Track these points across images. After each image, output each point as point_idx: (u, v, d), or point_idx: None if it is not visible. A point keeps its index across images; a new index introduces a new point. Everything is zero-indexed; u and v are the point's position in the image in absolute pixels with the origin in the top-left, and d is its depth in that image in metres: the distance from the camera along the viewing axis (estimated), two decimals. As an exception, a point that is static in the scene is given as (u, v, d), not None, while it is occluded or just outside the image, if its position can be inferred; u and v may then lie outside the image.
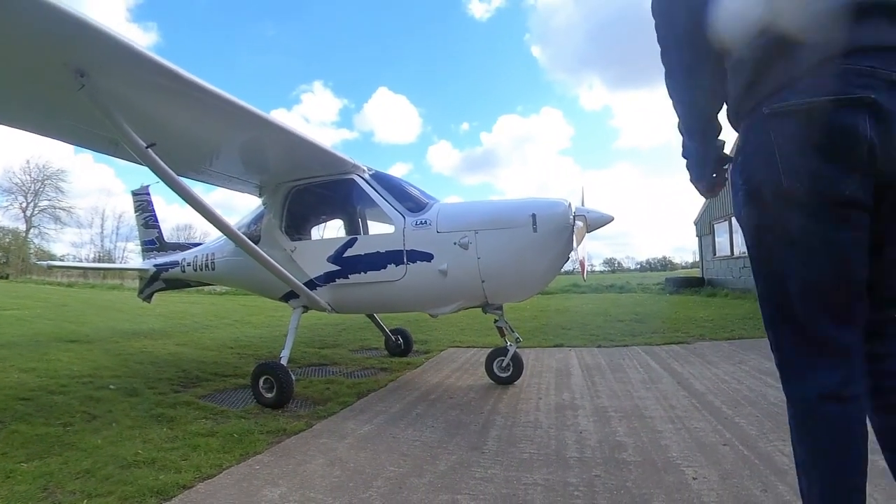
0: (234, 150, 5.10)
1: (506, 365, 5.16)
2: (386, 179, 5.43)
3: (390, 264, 4.92)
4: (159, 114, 4.12)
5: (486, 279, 4.69)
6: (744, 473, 2.83)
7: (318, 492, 2.70)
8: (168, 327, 11.00)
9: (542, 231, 4.57)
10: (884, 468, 1.52)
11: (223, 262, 6.38)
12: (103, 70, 3.41)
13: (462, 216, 4.87)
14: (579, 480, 2.79)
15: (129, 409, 4.37)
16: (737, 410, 4.06)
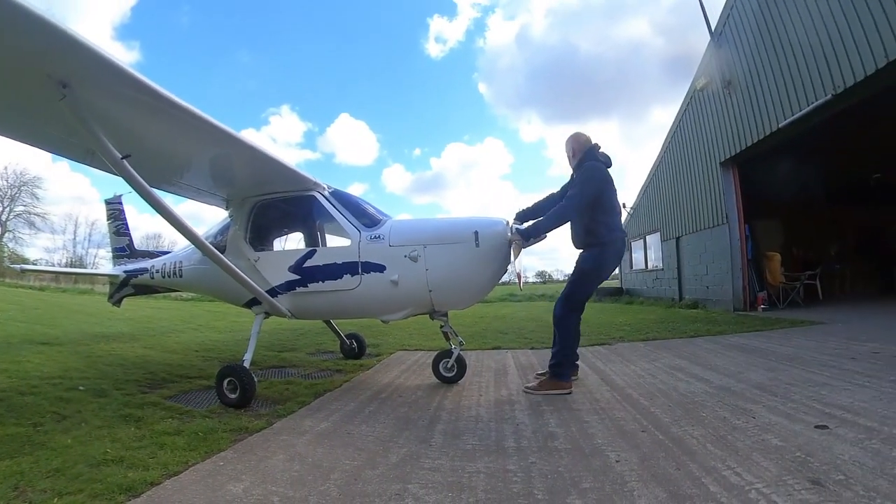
0: (205, 164, 4.99)
1: (451, 366, 5.23)
2: (344, 197, 5.45)
3: (346, 274, 4.94)
4: (135, 127, 4.00)
5: (433, 289, 4.78)
6: (660, 455, 2.93)
7: (280, 485, 2.65)
8: (136, 331, 10.59)
9: (483, 246, 4.70)
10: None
11: (190, 270, 6.20)
12: (85, 83, 3.29)
13: (412, 232, 4.95)
14: (517, 467, 2.84)
15: (98, 409, 4.18)
16: (652, 401, 4.21)
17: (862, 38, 8.82)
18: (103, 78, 3.30)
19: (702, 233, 15.39)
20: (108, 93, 3.48)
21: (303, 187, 5.35)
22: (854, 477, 2.50)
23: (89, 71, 3.20)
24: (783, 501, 2.27)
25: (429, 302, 4.90)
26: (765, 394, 4.26)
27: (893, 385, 4.29)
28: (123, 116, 3.79)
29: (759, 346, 7.03)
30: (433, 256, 4.74)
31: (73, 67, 3.16)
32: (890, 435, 3.08)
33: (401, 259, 4.79)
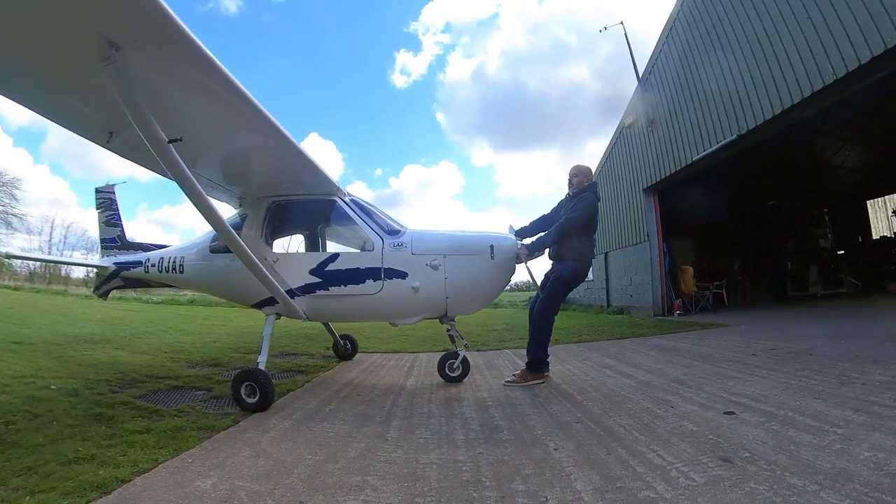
0: (235, 157, 4.51)
1: (456, 366, 5.11)
2: (363, 205, 5.17)
3: (369, 279, 4.71)
4: (184, 107, 3.41)
5: (450, 295, 4.68)
6: (592, 443, 2.95)
7: (246, 480, 2.53)
8: (107, 332, 9.79)
9: (497, 258, 4.70)
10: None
11: (194, 266, 5.59)
12: (140, 47, 2.69)
13: (433, 241, 4.81)
14: (466, 457, 2.80)
15: (69, 408, 3.87)
16: (585, 396, 4.24)
17: (762, 89, 9.64)
18: (162, 44, 2.72)
19: (627, 249, 15.90)
20: (163, 63, 2.91)
21: (326, 191, 5.07)
22: (758, 454, 2.60)
23: (150, 33, 2.62)
24: (699, 477, 2.34)
25: (444, 307, 4.78)
26: (681, 386, 4.37)
27: (788, 376, 4.49)
28: (174, 94, 3.21)
29: (676, 346, 7.22)
30: (452, 265, 4.66)
31: (131, 26, 2.56)
32: (786, 417, 3.22)
33: (422, 267, 4.65)
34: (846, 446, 2.64)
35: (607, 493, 2.23)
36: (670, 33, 13.11)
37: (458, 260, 4.67)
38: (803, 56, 8.60)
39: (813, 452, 2.58)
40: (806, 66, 8.54)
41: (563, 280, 4.96)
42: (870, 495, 2.05)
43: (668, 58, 13.25)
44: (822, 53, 8.15)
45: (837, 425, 2.99)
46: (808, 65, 8.47)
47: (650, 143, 14.20)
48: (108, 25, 2.54)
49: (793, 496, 2.10)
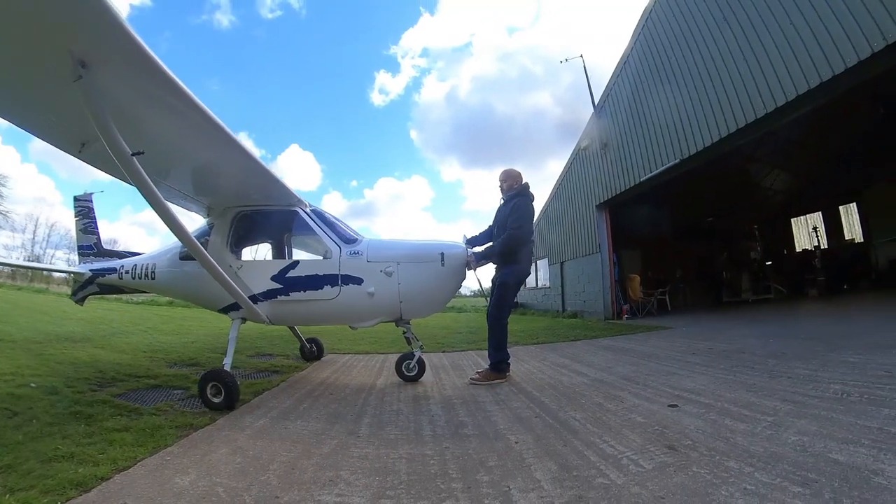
0: (200, 170, 4.45)
1: (412, 367, 5.08)
2: (323, 215, 5.11)
3: (327, 285, 4.66)
4: (147, 122, 3.39)
5: (403, 300, 4.66)
6: (550, 435, 2.96)
7: (223, 477, 2.43)
8: (88, 331, 9.28)
9: (448, 265, 4.70)
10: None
11: (165, 273, 5.46)
12: (107, 66, 2.71)
13: (387, 250, 4.78)
14: (434, 452, 2.77)
15: (49, 406, 3.66)
16: (542, 393, 4.25)
17: (702, 120, 10.21)
18: (128, 63, 2.72)
19: (580, 259, 16.13)
20: (128, 80, 2.89)
21: (287, 202, 5.02)
22: (699, 441, 2.66)
23: (115, 53, 2.63)
24: (647, 464, 2.37)
25: (398, 311, 4.75)
26: (630, 383, 4.43)
27: (724, 372, 4.60)
28: (138, 109, 3.18)
29: (625, 347, 7.31)
30: (405, 272, 4.64)
31: (98, 46, 2.58)
32: (723, 408, 3.30)
33: (377, 273, 4.63)
34: (776, 432, 2.72)
35: (565, 481, 2.23)
36: (623, 67, 13.52)
37: (411, 267, 4.67)
38: (738, 92, 9.11)
39: (747, 438, 2.65)
40: (741, 100, 9.05)
41: (508, 284, 4.99)
42: (797, 474, 2.13)
43: (621, 89, 13.65)
44: (754, 90, 8.67)
45: (767, 414, 3.08)
46: (743, 100, 8.99)
47: (603, 164, 14.52)
48: (76, 45, 2.57)
49: (730, 478, 2.15)
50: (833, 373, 4.10)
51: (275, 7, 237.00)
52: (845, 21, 6.99)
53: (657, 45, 11.86)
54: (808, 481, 2.05)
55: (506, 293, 5.02)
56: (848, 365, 4.35)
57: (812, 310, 11.49)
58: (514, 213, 4.92)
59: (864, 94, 11.19)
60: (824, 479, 2.06)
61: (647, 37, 12.33)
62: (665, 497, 2.01)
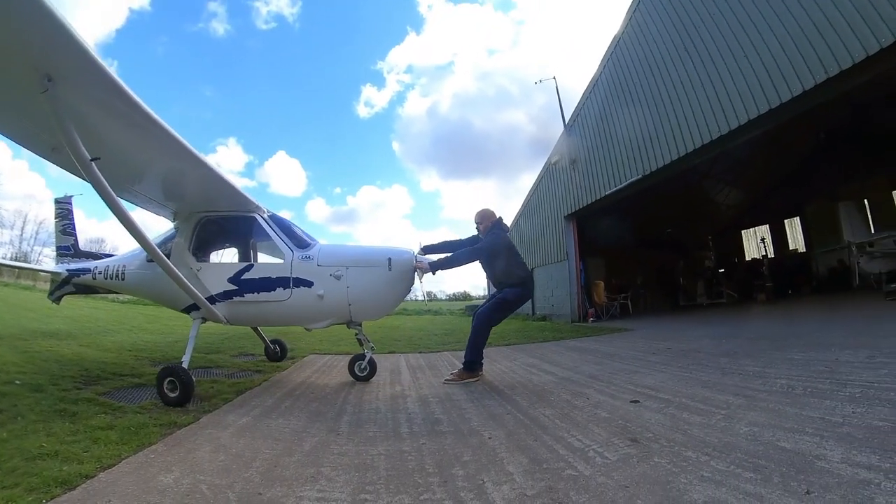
0: (163, 177, 4.45)
1: (364, 367, 5.03)
2: (280, 221, 5.07)
3: (279, 287, 4.61)
4: (108, 132, 3.44)
5: (352, 303, 4.62)
6: (521, 431, 2.95)
7: (207, 475, 2.34)
8: (73, 329, 8.87)
9: (395, 270, 4.67)
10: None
11: (133, 274, 5.38)
12: (69, 80, 2.82)
13: (337, 255, 4.75)
14: (411, 448, 2.73)
15: (33, 403, 3.48)
16: (514, 391, 4.25)
17: (663, 139, 10.72)
18: (88, 79, 2.84)
19: (549, 266, 16.29)
20: (88, 94, 2.99)
21: (246, 209, 4.96)
22: (659, 434, 2.68)
23: (77, 70, 2.74)
24: (612, 456, 2.39)
25: (348, 314, 4.71)
26: (595, 381, 4.46)
27: (681, 370, 4.68)
28: (98, 120, 3.26)
29: (590, 347, 7.39)
30: (353, 276, 4.61)
31: (62, 63, 2.70)
32: (680, 403, 3.34)
33: (326, 277, 4.59)
34: (729, 424, 2.77)
35: (536, 473, 2.23)
36: (593, 89, 13.87)
37: (359, 271, 4.65)
38: (696, 115, 9.63)
39: (703, 430, 2.69)
40: (697, 123, 9.58)
41: (508, 301, 5.06)
42: (749, 461, 2.18)
43: (590, 109, 13.99)
44: (710, 114, 9.22)
45: (721, 407, 3.13)
46: (700, 122, 9.53)
47: (572, 178, 14.77)
48: (42, 61, 2.69)
49: (689, 466, 2.18)
50: (779, 369, 4.20)
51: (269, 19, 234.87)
52: (792, 55, 7.50)
53: (624, 70, 12.30)
54: (758, 467, 2.10)
55: (503, 307, 5.10)
56: (793, 362, 4.46)
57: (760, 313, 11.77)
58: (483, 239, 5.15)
59: (807, 121, 11.72)
60: (773, 464, 2.11)
61: (615, 62, 12.75)
62: (629, 486, 2.02)
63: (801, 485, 1.89)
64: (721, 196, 20.17)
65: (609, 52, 13.01)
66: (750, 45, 8.31)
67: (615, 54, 12.74)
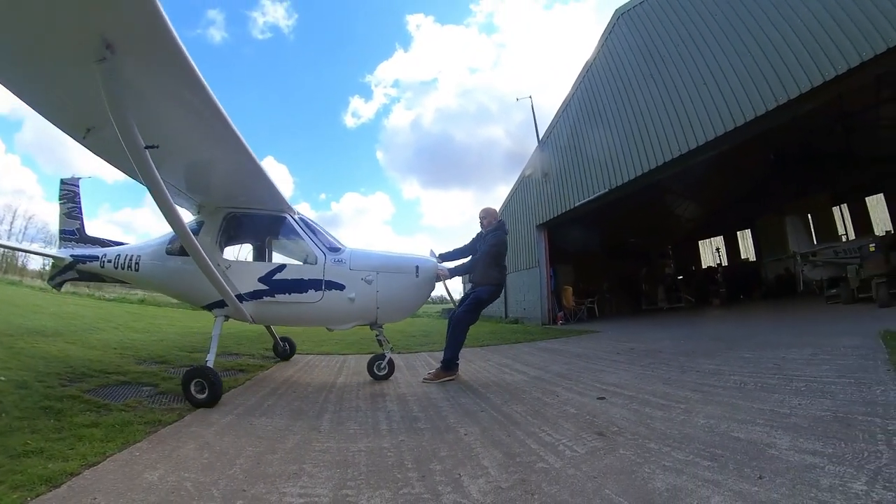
0: (199, 168, 4.07)
1: (383, 367, 4.96)
2: (309, 224, 4.88)
3: (311, 289, 4.46)
4: (162, 114, 3.03)
5: (380, 306, 4.56)
6: (495, 427, 2.95)
7: (192, 472, 2.26)
8: (59, 326, 8.32)
9: (421, 277, 4.67)
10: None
11: (150, 266, 4.94)
12: (134, 52, 2.40)
13: (368, 260, 4.64)
14: (390, 444, 2.70)
15: (18, 400, 3.29)
16: (488, 389, 4.25)
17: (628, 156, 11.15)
18: (156, 52, 2.41)
19: (522, 272, 16.41)
20: (152, 70, 2.56)
21: (278, 208, 4.77)
22: (624, 427, 2.72)
23: (145, 39, 2.33)
24: (581, 448, 2.41)
25: (374, 316, 4.64)
26: (564, 379, 4.49)
27: (643, 368, 4.76)
28: (158, 101, 2.85)
29: (559, 348, 7.44)
30: (383, 281, 4.54)
31: (130, 30, 2.29)
32: (643, 399, 3.40)
33: (358, 281, 4.49)
34: (688, 417, 2.83)
35: (510, 466, 2.23)
36: (565, 109, 14.19)
37: (389, 276, 4.58)
38: (658, 135, 10.06)
39: (664, 423, 2.74)
40: (660, 142, 9.99)
41: (481, 299, 5.06)
42: (706, 450, 2.24)
43: (562, 127, 14.28)
44: (672, 134, 9.67)
45: (680, 402, 3.20)
46: (662, 142, 9.95)
47: (544, 190, 14.99)
48: (106, 24, 2.26)
49: (652, 456, 2.22)
50: (733, 367, 4.31)
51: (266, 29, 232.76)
52: (746, 84, 8.03)
53: (594, 92, 12.71)
54: (715, 456, 2.15)
55: (479, 305, 5.10)
56: (745, 360, 4.58)
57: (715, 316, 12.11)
58: (487, 243, 5.11)
59: (758, 144, 12.23)
60: (729, 453, 2.17)
61: (586, 85, 13.14)
62: (597, 476, 2.04)
63: (753, 471, 1.95)
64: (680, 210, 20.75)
65: (581, 76, 13.38)
66: (709, 74, 8.81)
67: (587, 78, 13.11)
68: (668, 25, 9.99)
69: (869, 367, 3.58)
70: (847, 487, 1.74)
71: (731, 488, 1.82)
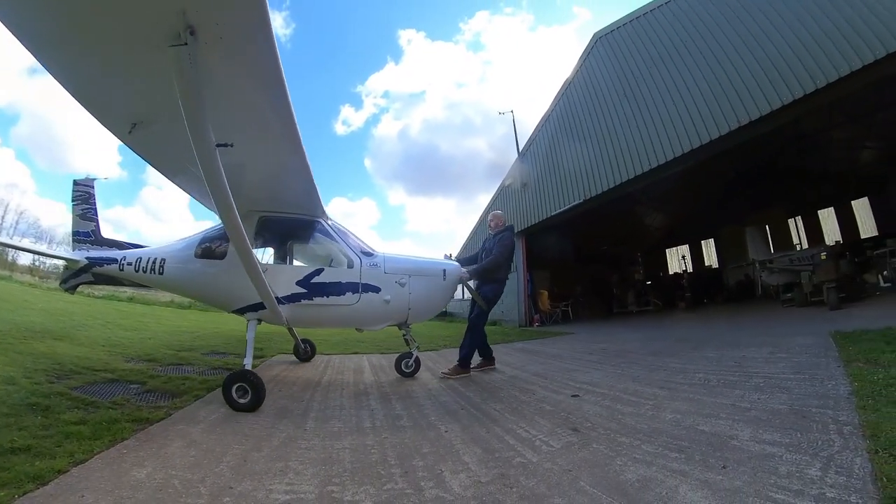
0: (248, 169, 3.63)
1: (410, 364, 5.06)
2: (342, 229, 4.82)
3: (349, 292, 4.39)
4: (234, 111, 2.62)
5: (412, 307, 4.58)
6: (475, 424, 2.96)
7: (179, 469, 2.20)
8: (48, 322, 7.78)
9: (447, 280, 4.75)
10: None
11: (177, 269, 4.63)
12: (220, 38, 2.02)
13: (401, 264, 4.63)
14: (374, 442, 2.68)
15: (5, 396, 3.13)
16: (467, 388, 4.25)
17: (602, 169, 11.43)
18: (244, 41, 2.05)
19: (502, 276, 16.39)
20: (235, 60, 2.19)
21: (313, 213, 4.65)
22: (597, 423, 2.76)
23: (237, 26, 1.98)
24: (556, 444, 2.43)
25: (406, 316, 4.65)
26: (540, 378, 4.52)
27: (614, 367, 4.82)
28: (233, 93, 2.44)
29: (536, 349, 7.48)
30: (415, 284, 4.57)
31: (220, 13, 1.94)
32: (615, 396, 3.45)
33: (392, 284, 4.49)
34: (656, 412, 2.88)
35: (489, 462, 2.23)
36: (545, 124, 14.44)
37: (420, 280, 4.62)
38: (630, 150, 10.40)
39: (634, 419, 2.78)
40: (632, 157, 10.34)
41: (489, 299, 5.21)
42: (674, 443, 2.28)
43: (541, 140, 14.50)
44: (642, 150, 10.03)
45: (649, 399, 3.25)
46: (633, 156, 10.29)
47: (522, 199, 15.12)
48: (193, 7, 1.91)
49: (623, 450, 2.26)
50: (697, 365, 4.39)
51: None
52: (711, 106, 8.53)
53: (572, 109, 13.04)
54: (682, 448, 2.20)
55: (489, 305, 5.25)
56: (708, 359, 4.67)
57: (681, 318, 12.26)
58: (499, 244, 5.25)
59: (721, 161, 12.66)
60: (695, 445, 2.23)
61: (565, 102, 13.46)
62: (572, 469, 2.06)
63: (718, 461, 2.00)
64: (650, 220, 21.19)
65: (560, 93, 13.68)
66: (678, 95, 9.24)
67: (566, 95, 13.41)
68: (643, 49, 10.43)
69: (821, 363, 3.68)
70: (803, 473, 1.80)
71: (698, 477, 1.86)
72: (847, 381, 3.03)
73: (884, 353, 3.58)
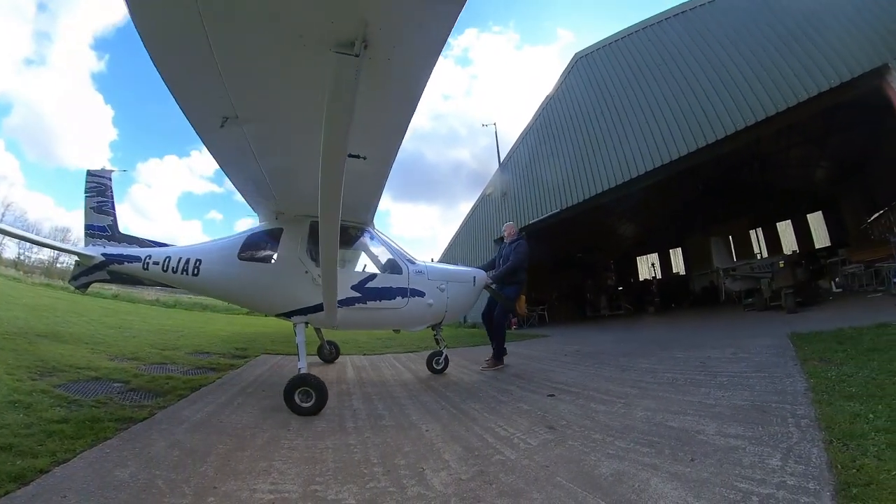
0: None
1: (440, 361, 5.27)
2: (384, 238, 4.86)
3: (398, 296, 4.46)
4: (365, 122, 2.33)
5: (448, 310, 4.78)
6: (455, 423, 2.94)
7: (163, 469, 2.12)
8: (32, 318, 7.35)
9: (476, 286, 5.04)
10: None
11: (214, 272, 4.29)
12: (387, 59, 1.89)
13: (440, 272, 4.86)
14: (356, 441, 2.64)
15: None
16: (448, 389, 4.23)
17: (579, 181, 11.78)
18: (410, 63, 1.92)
19: (481, 281, 16.48)
20: (392, 79, 2.06)
21: (361, 220, 4.63)
22: (572, 421, 2.77)
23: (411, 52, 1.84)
24: (534, 441, 2.44)
25: (443, 318, 4.86)
26: (518, 379, 4.53)
27: (588, 368, 4.86)
28: (375, 108, 2.26)
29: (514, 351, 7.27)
30: (452, 289, 4.77)
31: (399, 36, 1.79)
32: (588, 395, 3.47)
33: (435, 289, 4.66)
34: (628, 410, 2.92)
35: (469, 459, 2.22)
36: (525, 136, 14.75)
37: (456, 286, 4.83)
38: (605, 164, 10.86)
39: (607, 416, 2.81)
40: (606, 170, 10.80)
41: (511, 298, 5.46)
42: (644, 438, 2.32)
43: (521, 152, 14.79)
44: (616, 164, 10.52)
45: (621, 398, 3.28)
46: (608, 170, 10.76)
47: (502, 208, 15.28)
48: (379, 19, 1.73)
49: (597, 446, 2.28)
50: (666, 365, 4.46)
51: None
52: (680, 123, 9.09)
53: (551, 123, 13.44)
54: (653, 443, 2.24)
55: (509, 305, 5.53)
56: (676, 360, 4.74)
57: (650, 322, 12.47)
58: (515, 251, 5.52)
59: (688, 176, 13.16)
60: (664, 440, 2.26)
61: (545, 117, 13.84)
62: (549, 466, 2.07)
63: (686, 454, 2.04)
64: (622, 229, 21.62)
65: (541, 108, 14.03)
66: (650, 114, 9.76)
67: (546, 110, 13.77)
68: (619, 71, 10.93)
69: (780, 363, 3.77)
70: (765, 464, 1.85)
71: (668, 470, 1.89)
72: (804, 378, 3.12)
73: (836, 352, 3.71)
